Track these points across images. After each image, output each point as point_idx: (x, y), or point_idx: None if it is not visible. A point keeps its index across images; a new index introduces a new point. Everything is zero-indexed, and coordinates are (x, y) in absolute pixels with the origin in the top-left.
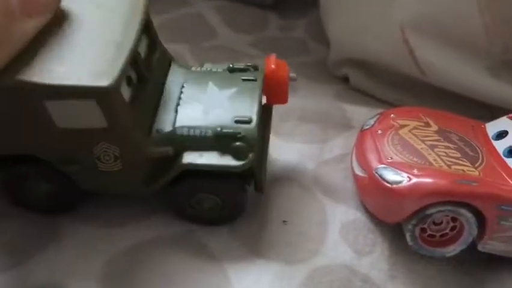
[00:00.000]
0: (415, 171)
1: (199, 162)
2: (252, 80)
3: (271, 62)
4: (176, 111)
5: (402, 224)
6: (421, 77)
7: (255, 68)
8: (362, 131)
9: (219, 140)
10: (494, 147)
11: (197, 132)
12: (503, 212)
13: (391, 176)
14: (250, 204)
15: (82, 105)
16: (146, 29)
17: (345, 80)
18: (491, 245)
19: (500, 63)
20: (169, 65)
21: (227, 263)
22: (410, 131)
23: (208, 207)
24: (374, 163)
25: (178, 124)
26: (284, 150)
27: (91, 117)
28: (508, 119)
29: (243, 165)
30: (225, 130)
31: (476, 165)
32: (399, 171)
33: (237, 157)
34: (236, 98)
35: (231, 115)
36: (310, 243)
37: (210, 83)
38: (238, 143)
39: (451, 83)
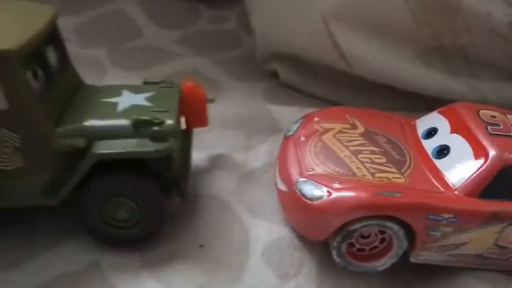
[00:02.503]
0: (336, 184)
1: (115, 149)
2: (170, 87)
3: (188, 80)
4: (87, 111)
5: (329, 240)
6: (349, 71)
7: (171, 82)
8: (285, 138)
9: (136, 127)
10: (423, 146)
11: (110, 122)
12: (431, 222)
13: (311, 190)
14: (165, 224)
15: None
16: (55, 41)
17: (276, 75)
18: (424, 256)
19: (431, 49)
20: (79, 85)
21: None
22: (334, 135)
23: (123, 218)
24: (295, 176)
25: (89, 118)
26: (205, 162)
27: None
28: (438, 114)
29: (163, 149)
30: (142, 117)
31: (403, 170)
32: (319, 186)
33: (155, 142)
34: (153, 98)
35: (149, 109)
36: (229, 271)
37: (124, 90)
38: (156, 128)
39: (381, 76)
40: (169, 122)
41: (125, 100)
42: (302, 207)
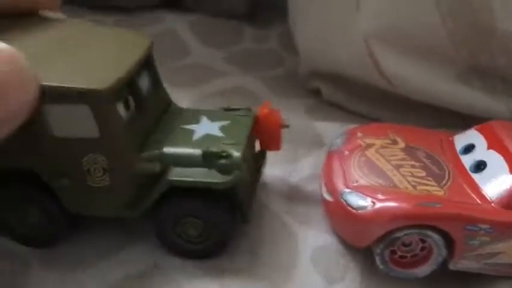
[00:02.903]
0: (379, 195)
1: (185, 177)
2: (244, 115)
3: (265, 107)
4: (168, 137)
5: (372, 247)
6: (391, 89)
7: (248, 109)
8: (329, 153)
9: (206, 159)
10: (461, 161)
11: (185, 151)
12: (469, 232)
13: (356, 201)
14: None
15: (76, 110)
16: (148, 66)
17: (318, 92)
18: (462, 264)
19: (468, 69)
20: (168, 106)
21: None
22: (376, 150)
23: (193, 235)
24: (340, 187)
25: (167, 145)
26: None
27: (84, 125)
28: (475, 131)
29: (228, 181)
30: (211, 148)
31: (442, 183)
32: (364, 196)
33: (222, 174)
34: (227, 128)
35: (220, 140)
36: (280, 274)
37: (204, 117)
38: (223, 161)
39: (420, 93)
40: (236, 155)
41: (202, 128)
42: (347, 216)
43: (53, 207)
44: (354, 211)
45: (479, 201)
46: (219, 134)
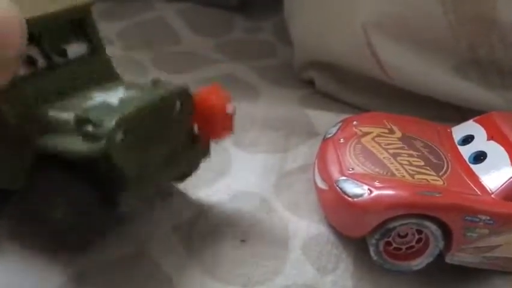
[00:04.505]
0: (376, 183)
1: (47, 143)
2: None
3: (205, 88)
4: (65, 103)
5: (366, 238)
6: (387, 80)
7: (171, 85)
8: (324, 140)
9: (76, 125)
10: (459, 152)
11: (62, 116)
12: (468, 223)
13: (352, 188)
14: (210, 219)
15: None
16: (83, 29)
17: (312, 83)
18: (459, 257)
19: (467, 62)
20: (109, 77)
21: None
22: (373, 138)
23: (59, 216)
24: (335, 175)
25: (54, 109)
26: (245, 161)
27: None
28: (474, 123)
29: (88, 151)
30: (84, 114)
31: (441, 173)
32: (360, 184)
33: (86, 142)
34: (128, 99)
35: (110, 109)
36: (270, 262)
37: (121, 88)
38: (90, 127)
39: (417, 85)
40: (109, 123)
41: (104, 97)
42: (343, 205)
43: None
44: (349, 199)
45: (479, 192)
46: (115, 103)
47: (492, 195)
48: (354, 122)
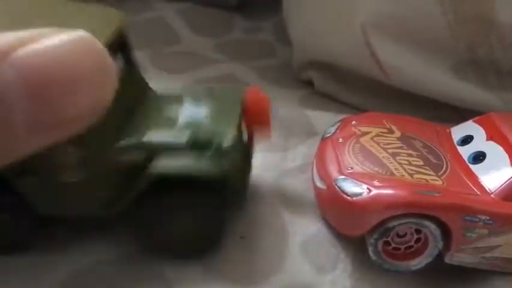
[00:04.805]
0: (375, 182)
1: (171, 169)
2: (233, 96)
3: (254, 89)
4: (147, 126)
5: (365, 237)
6: (385, 80)
7: (238, 89)
8: (323, 140)
9: (194, 148)
10: (459, 153)
11: (169, 139)
12: (467, 223)
13: (351, 187)
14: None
15: None
16: (121, 46)
17: (311, 83)
18: (458, 257)
19: (465, 62)
20: (145, 90)
21: (178, 285)
22: (372, 138)
23: (178, 232)
24: (334, 174)
25: (148, 133)
26: None
27: None
28: (473, 123)
29: (218, 172)
30: (200, 136)
31: (440, 173)
32: (359, 183)
33: (212, 163)
34: (214, 113)
35: (208, 127)
36: (269, 261)
37: (186, 103)
38: (214, 150)
39: (416, 86)
40: (228, 142)
41: (186, 116)
42: (341, 204)
43: (17, 208)
44: (348, 198)
45: (478, 192)
46: (206, 120)
47: (491, 196)
48: (353, 122)
